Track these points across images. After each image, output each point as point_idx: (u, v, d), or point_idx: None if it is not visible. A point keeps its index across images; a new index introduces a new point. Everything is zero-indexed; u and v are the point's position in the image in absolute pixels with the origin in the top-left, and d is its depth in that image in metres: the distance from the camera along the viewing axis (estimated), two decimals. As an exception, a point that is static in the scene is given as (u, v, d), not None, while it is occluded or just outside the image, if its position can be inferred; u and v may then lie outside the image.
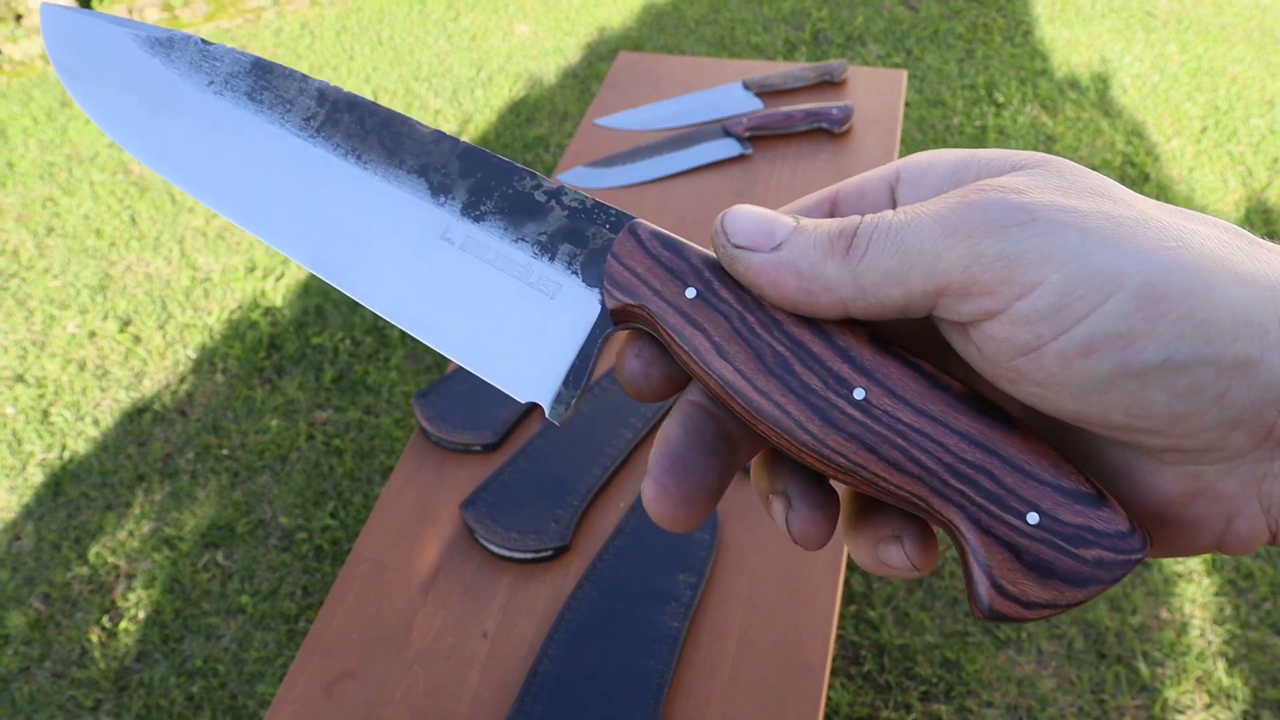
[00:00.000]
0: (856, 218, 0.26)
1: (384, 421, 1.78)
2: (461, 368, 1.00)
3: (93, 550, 1.61)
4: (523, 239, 0.30)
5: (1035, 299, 0.23)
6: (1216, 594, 1.46)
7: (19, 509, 1.68)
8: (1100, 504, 0.25)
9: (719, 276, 0.28)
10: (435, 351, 1.89)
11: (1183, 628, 1.42)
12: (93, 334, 1.99)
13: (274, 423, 1.79)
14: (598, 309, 0.30)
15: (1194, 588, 1.47)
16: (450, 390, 0.98)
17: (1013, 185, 0.25)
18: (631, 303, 0.29)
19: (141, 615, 1.52)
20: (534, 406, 0.96)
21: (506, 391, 0.30)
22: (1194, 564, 1.50)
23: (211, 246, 2.20)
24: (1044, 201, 0.24)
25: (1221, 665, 1.38)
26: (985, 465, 0.26)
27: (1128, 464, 0.26)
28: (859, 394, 0.26)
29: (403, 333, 1.94)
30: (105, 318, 2.03)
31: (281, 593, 1.54)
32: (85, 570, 1.58)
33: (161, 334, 1.99)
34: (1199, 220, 0.25)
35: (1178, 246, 0.23)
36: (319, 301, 2.04)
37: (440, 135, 0.32)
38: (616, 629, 0.79)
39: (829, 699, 1.35)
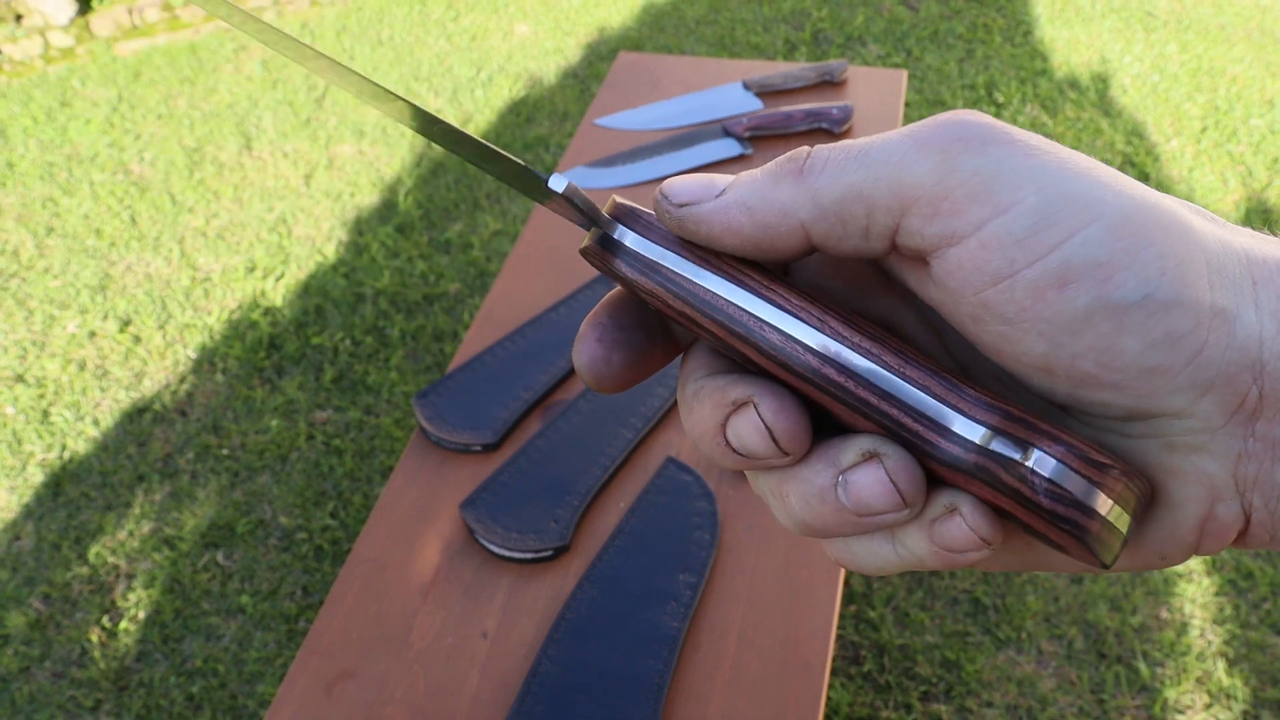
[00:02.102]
0: (807, 147, 0.25)
1: (384, 421, 1.78)
2: (461, 367, 1.00)
3: (93, 550, 1.61)
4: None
5: (1010, 220, 0.22)
6: (1216, 594, 1.46)
7: (19, 509, 1.68)
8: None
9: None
10: (435, 351, 1.89)
11: (1183, 628, 1.42)
12: (93, 334, 1.99)
13: (274, 423, 1.79)
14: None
15: (1194, 588, 1.47)
16: (450, 390, 0.98)
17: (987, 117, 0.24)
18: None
19: (141, 615, 1.52)
20: (534, 406, 0.96)
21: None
22: (1194, 563, 1.50)
23: (211, 246, 2.20)
24: (1022, 132, 0.23)
25: (1221, 665, 1.38)
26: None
27: (1093, 438, 0.25)
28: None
29: (402, 332, 1.94)
30: (105, 318, 2.03)
31: (281, 593, 1.54)
32: (85, 570, 1.58)
33: (161, 334, 1.99)
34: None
35: (1149, 191, 0.23)
36: (319, 301, 2.04)
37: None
38: (616, 629, 0.79)
39: (829, 699, 1.35)
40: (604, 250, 0.27)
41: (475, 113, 2.62)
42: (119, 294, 2.08)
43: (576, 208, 0.26)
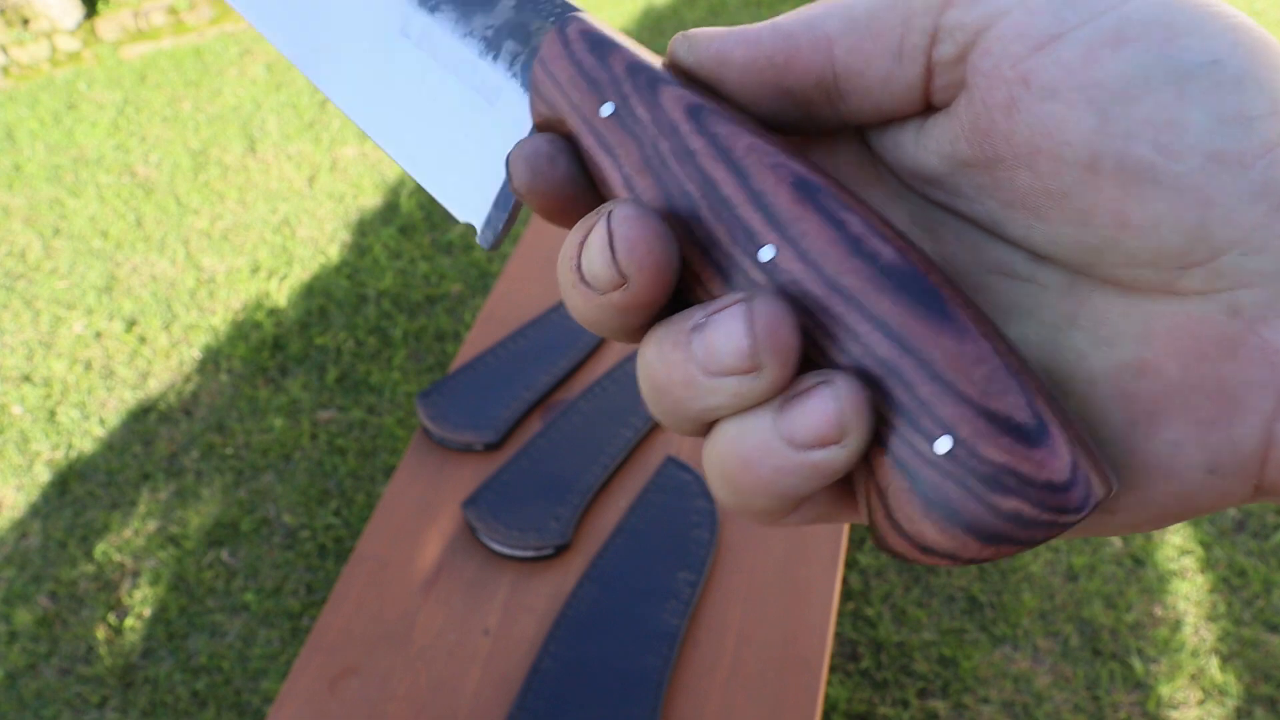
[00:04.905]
0: None
1: (387, 421, 1.79)
2: (463, 367, 1.01)
3: (99, 548, 1.63)
4: (471, 34, 0.26)
5: None
6: (1210, 591, 1.48)
7: (26, 507, 1.69)
8: (1038, 440, 0.18)
9: (639, 90, 0.23)
10: (437, 351, 1.91)
11: (1177, 624, 1.44)
12: (99, 334, 2.01)
13: (278, 422, 1.80)
14: (530, 121, 0.25)
15: (1188, 585, 1.48)
16: (453, 390, 0.99)
17: None
18: (553, 116, 0.24)
19: (147, 612, 1.54)
20: (535, 406, 0.98)
21: (449, 209, 0.27)
22: (1188, 561, 1.51)
23: (216, 248, 2.21)
24: None
25: (1215, 662, 1.39)
26: (898, 367, 0.19)
27: (1137, 311, 0.20)
28: (766, 253, 0.21)
29: (405, 332, 1.95)
30: (111, 318, 2.04)
31: (285, 590, 1.55)
32: (91, 568, 1.60)
33: (167, 334, 2.00)
34: None
35: None
36: (322, 302, 2.05)
37: None
38: (617, 626, 0.80)
39: (826, 695, 1.36)
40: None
41: (477, 114, 2.63)
42: (125, 295, 2.10)
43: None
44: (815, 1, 0.22)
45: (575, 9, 0.25)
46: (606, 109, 0.23)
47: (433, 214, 2.27)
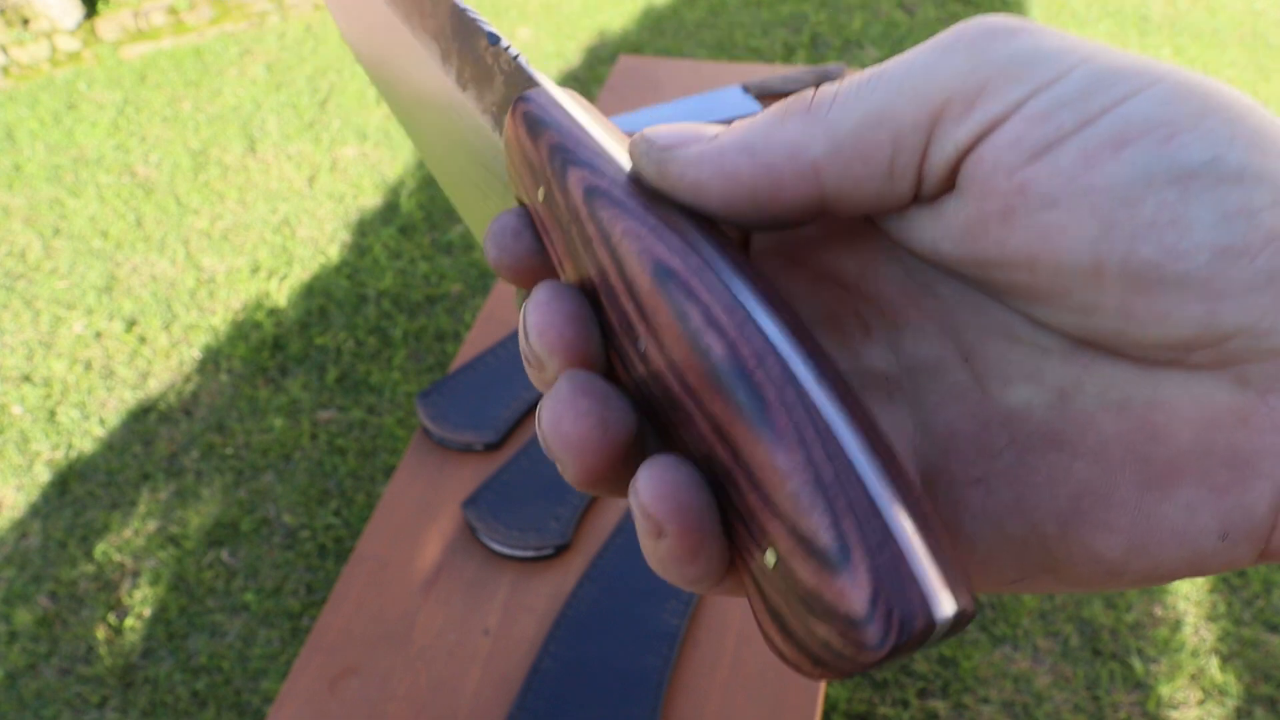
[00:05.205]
0: (813, 89, 0.21)
1: (387, 421, 1.79)
2: (463, 367, 1.01)
3: (99, 548, 1.63)
4: (485, 110, 0.27)
5: (1058, 88, 0.18)
6: (1210, 591, 1.48)
7: (26, 507, 1.69)
8: (839, 567, 0.17)
9: (555, 175, 0.23)
10: (437, 351, 1.91)
11: (1176, 625, 1.44)
12: (99, 334, 2.01)
13: (278, 422, 1.81)
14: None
15: (1187, 585, 1.49)
16: (452, 390, 0.99)
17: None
18: (519, 196, 0.25)
19: (147, 612, 1.54)
20: (535, 406, 0.98)
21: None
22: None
23: (216, 248, 2.21)
24: (1050, 27, 0.20)
25: (1215, 662, 1.39)
26: (732, 472, 0.18)
27: (1146, 378, 0.19)
28: (642, 345, 0.20)
29: (405, 333, 1.96)
30: (111, 318, 2.04)
31: (285, 590, 1.55)
32: (91, 568, 1.60)
33: (167, 334, 2.00)
34: None
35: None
36: (322, 302, 2.05)
37: None
38: (617, 626, 0.80)
39: (827, 695, 1.36)
40: None
41: (477, 115, 2.63)
42: (125, 295, 2.10)
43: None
44: (789, 117, 0.21)
45: (533, 84, 0.25)
46: (540, 193, 0.23)
47: (433, 214, 2.27)
